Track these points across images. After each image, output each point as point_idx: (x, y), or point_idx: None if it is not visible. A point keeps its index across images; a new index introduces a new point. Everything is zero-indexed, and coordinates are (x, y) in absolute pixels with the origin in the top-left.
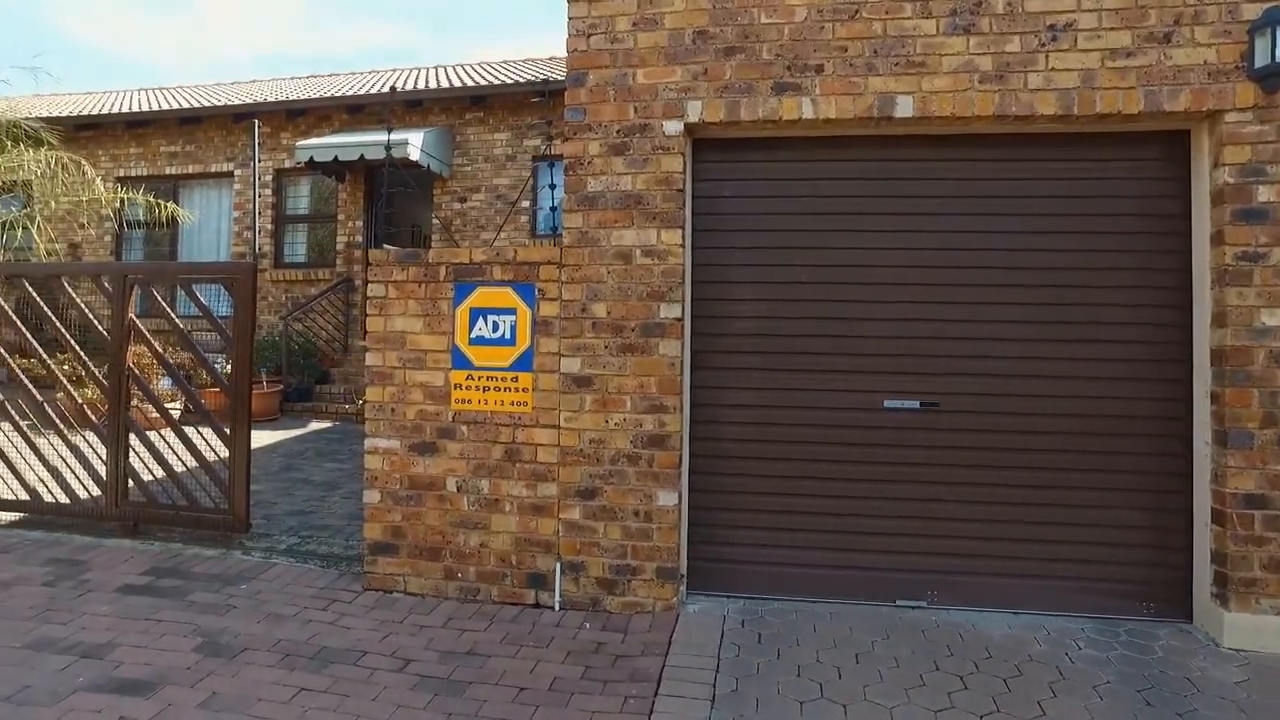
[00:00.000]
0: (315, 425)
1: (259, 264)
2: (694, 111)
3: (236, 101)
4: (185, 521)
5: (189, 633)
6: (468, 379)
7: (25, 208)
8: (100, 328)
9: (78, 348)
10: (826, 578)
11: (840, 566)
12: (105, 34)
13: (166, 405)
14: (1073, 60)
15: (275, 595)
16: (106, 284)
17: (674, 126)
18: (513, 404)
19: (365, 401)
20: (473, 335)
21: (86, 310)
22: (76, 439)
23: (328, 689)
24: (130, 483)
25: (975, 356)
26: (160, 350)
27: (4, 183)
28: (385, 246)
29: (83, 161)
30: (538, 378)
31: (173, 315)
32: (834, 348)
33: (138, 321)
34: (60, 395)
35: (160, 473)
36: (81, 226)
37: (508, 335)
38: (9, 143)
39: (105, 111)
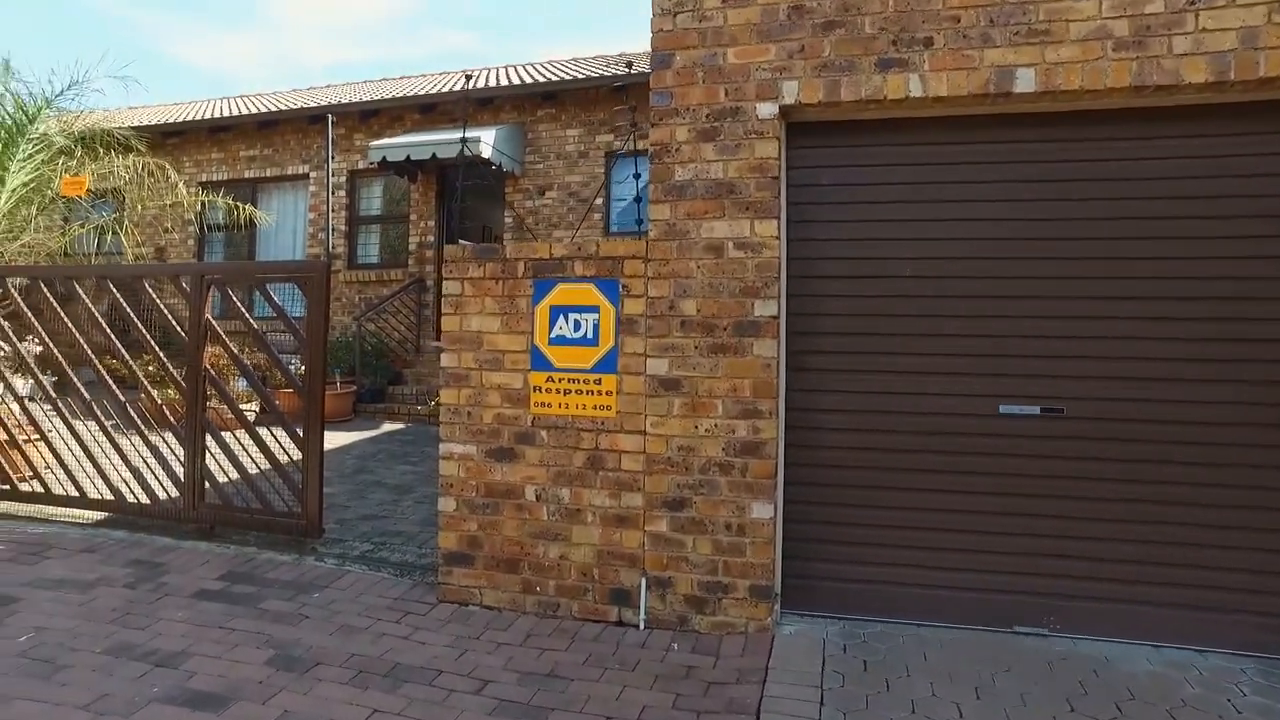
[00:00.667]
0: (388, 426)
1: (332, 264)
2: (789, 92)
3: (311, 104)
4: (259, 525)
5: (261, 644)
6: (548, 381)
7: (116, 213)
8: (180, 330)
9: (157, 349)
10: (934, 599)
11: (949, 587)
12: (190, 50)
13: (241, 406)
14: (1230, 18)
15: (348, 605)
16: (185, 284)
17: (768, 109)
18: (595, 408)
19: (440, 404)
20: (553, 335)
21: (167, 312)
22: (156, 439)
23: (402, 711)
24: (206, 485)
25: (1106, 358)
26: (235, 351)
27: (98, 189)
28: (460, 242)
29: (167, 166)
30: (622, 380)
31: (248, 316)
32: (942, 347)
33: (214, 322)
34: (142, 396)
35: (235, 474)
36: (166, 230)
37: (590, 335)
38: (101, 150)
39: (189, 119)
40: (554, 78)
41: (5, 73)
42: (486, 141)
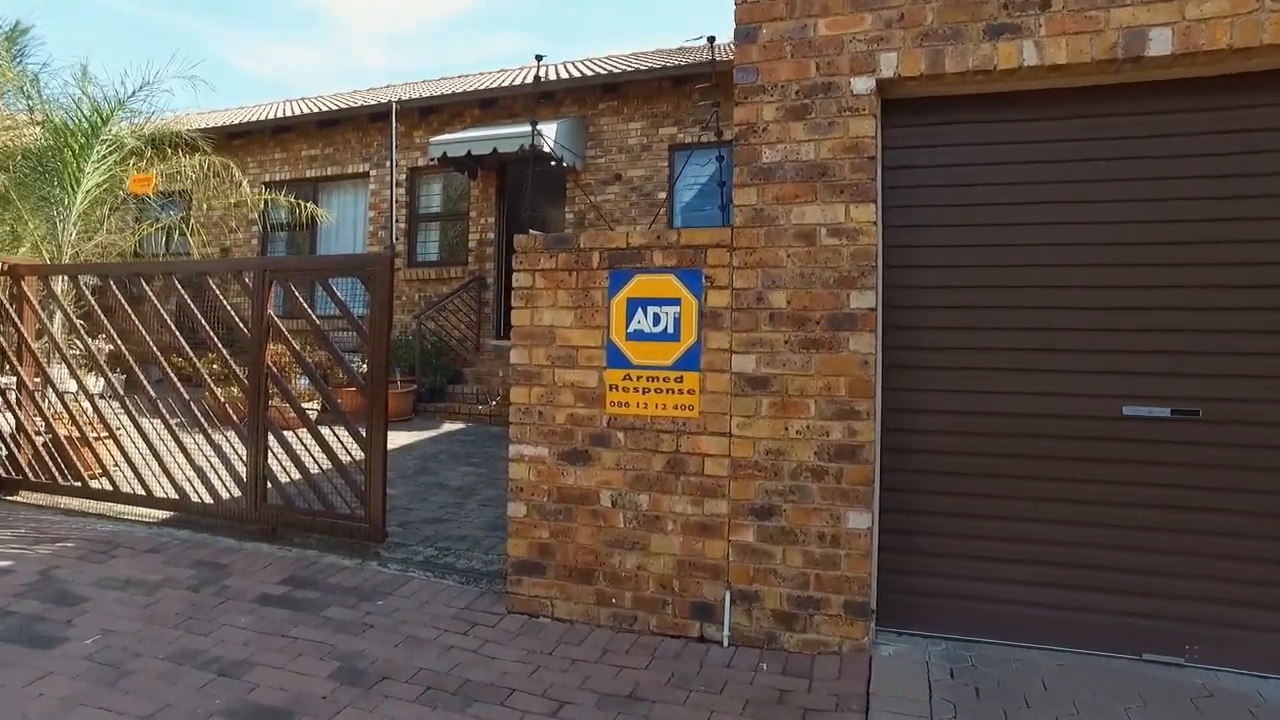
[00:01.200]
0: (449, 426)
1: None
2: (887, 65)
3: (371, 103)
4: (321, 528)
5: (325, 654)
6: (625, 379)
7: (183, 214)
8: (243, 327)
9: (221, 346)
10: (1050, 620)
11: (1066, 607)
12: (251, 61)
13: (303, 405)
14: None
15: (413, 615)
16: (247, 280)
17: (863, 84)
18: (676, 407)
19: (510, 403)
20: (630, 329)
21: (231, 310)
22: (220, 438)
23: None
24: (269, 485)
25: (1253, 354)
26: (298, 349)
27: (166, 191)
28: (530, 232)
29: (231, 165)
30: (705, 378)
31: (311, 313)
32: (1057, 343)
33: (276, 319)
34: (206, 394)
35: (297, 474)
36: (231, 230)
37: (670, 329)
38: (169, 150)
39: (253, 120)
40: (615, 69)
41: (84, 79)
42: (548, 135)
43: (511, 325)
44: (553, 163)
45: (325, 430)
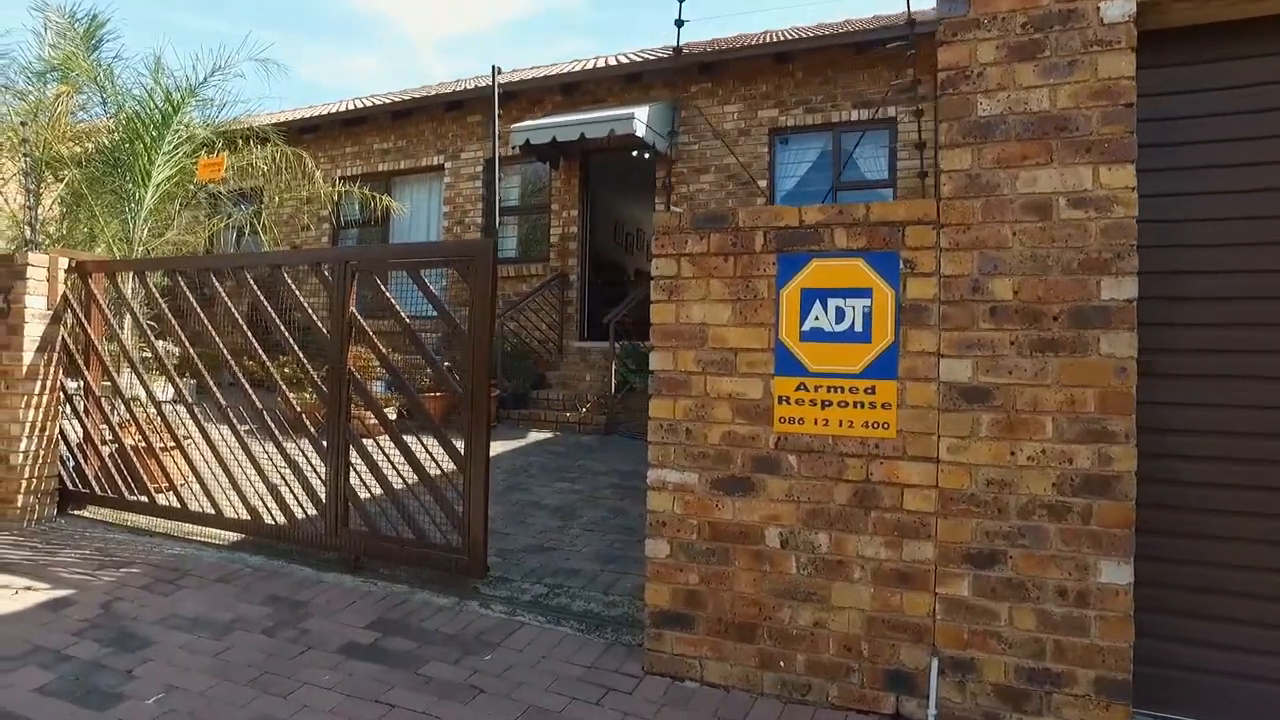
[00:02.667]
0: (535, 435)
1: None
2: None
3: (446, 90)
4: (411, 559)
5: None
6: (798, 389)
7: (255, 209)
8: (321, 327)
9: (297, 349)
10: None
11: None
12: (315, 69)
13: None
14: None
15: (530, 674)
16: (326, 273)
17: (1116, 9)
18: (866, 425)
19: (650, 418)
20: (805, 327)
21: (309, 308)
22: (294, 449)
23: None
24: (350, 507)
25: None
26: (384, 351)
27: (238, 188)
28: (672, 209)
29: (304, 154)
30: (905, 388)
31: (400, 310)
32: None
33: (360, 318)
34: (280, 401)
35: (378, 489)
36: (303, 228)
37: (858, 327)
38: (240, 143)
39: (323, 113)
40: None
41: (157, 70)
42: (640, 118)
43: (651, 323)
44: (643, 152)
45: (410, 440)
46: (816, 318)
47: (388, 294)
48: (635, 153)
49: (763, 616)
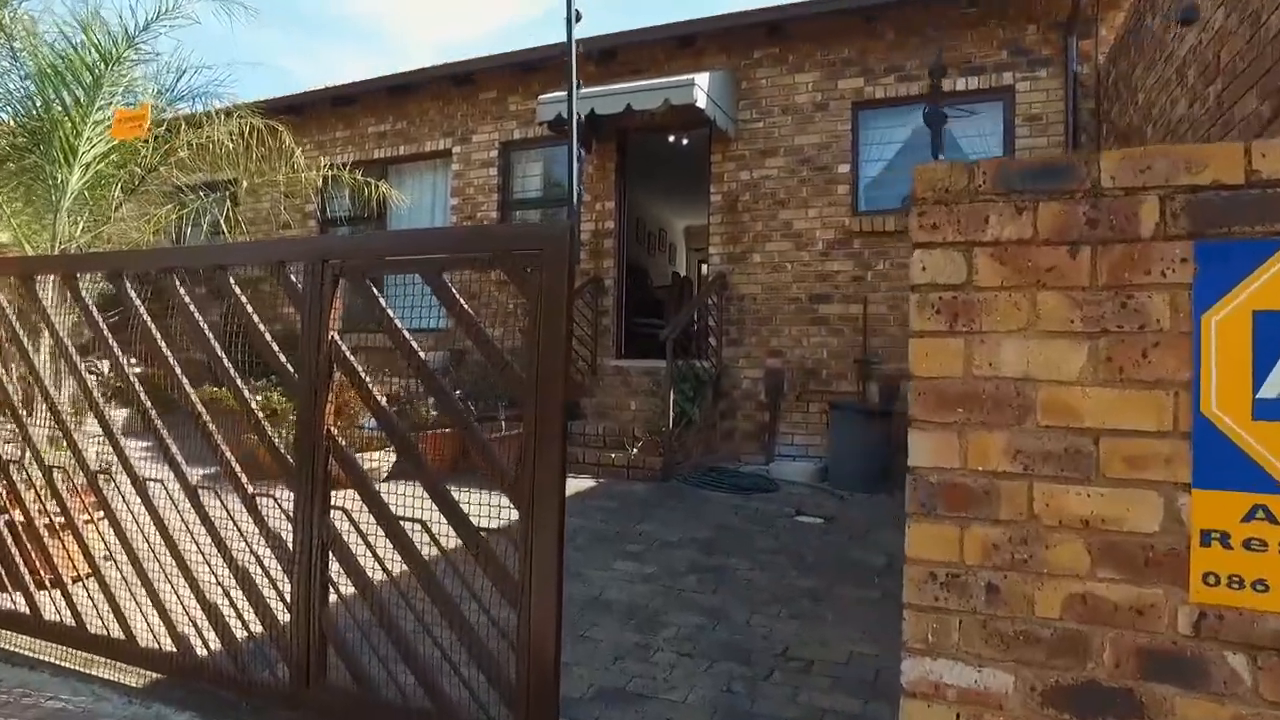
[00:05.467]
0: (574, 483)
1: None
2: None
3: (453, 60)
4: None
5: None
6: (1253, 518)
7: (220, 200)
8: (285, 364)
9: (238, 381)
10: None
11: None
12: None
13: (369, 461)
14: None
15: None
16: (294, 276)
17: None
18: None
19: (908, 560)
20: (1268, 393)
21: (266, 335)
22: (243, 553)
23: None
24: (327, 646)
25: None
26: (387, 411)
27: (210, 178)
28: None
29: (279, 127)
30: None
31: (402, 331)
32: None
33: (341, 343)
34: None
35: (367, 611)
36: (283, 226)
37: None
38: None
39: (309, 89)
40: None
41: (92, 21)
42: (701, 85)
43: (914, 370)
44: (694, 132)
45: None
46: None
47: (386, 308)
48: (679, 137)
49: None
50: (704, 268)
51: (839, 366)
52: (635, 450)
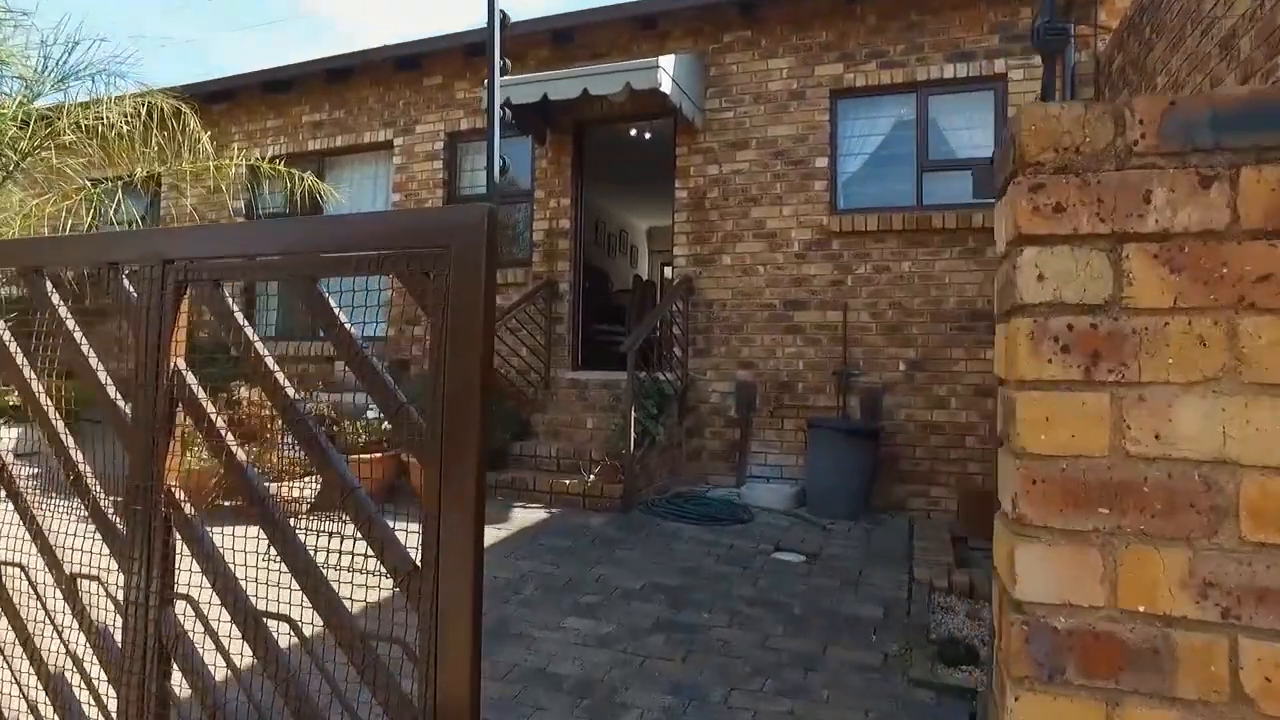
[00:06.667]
0: (522, 515)
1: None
2: None
3: (394, 42)
4: None
5: None
6: None
7: (110, 191)
8: (116, 402)
9: (58, 425)
10: None
11: None
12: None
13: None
14: None
15: None
16: (127, 284)
17: None
18: None
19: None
20: None
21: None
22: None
23: None
24: None
25: None
26: (231, 446)
27: (129, 177)
28: (1067, 101)
29: (184, 108)
30: None
31: (254, 343)
32: None
33: (191, 381)
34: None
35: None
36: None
37: None
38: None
39: (237, 73)
40: None
41: None
42: (665, 69)
43: (1017, 445)
44: (656, 123)
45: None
46: None
47: (244, 325)
48: (641, 129)
49: None
50: (669, 271)
51: (816, 379)
52: (592, 476)
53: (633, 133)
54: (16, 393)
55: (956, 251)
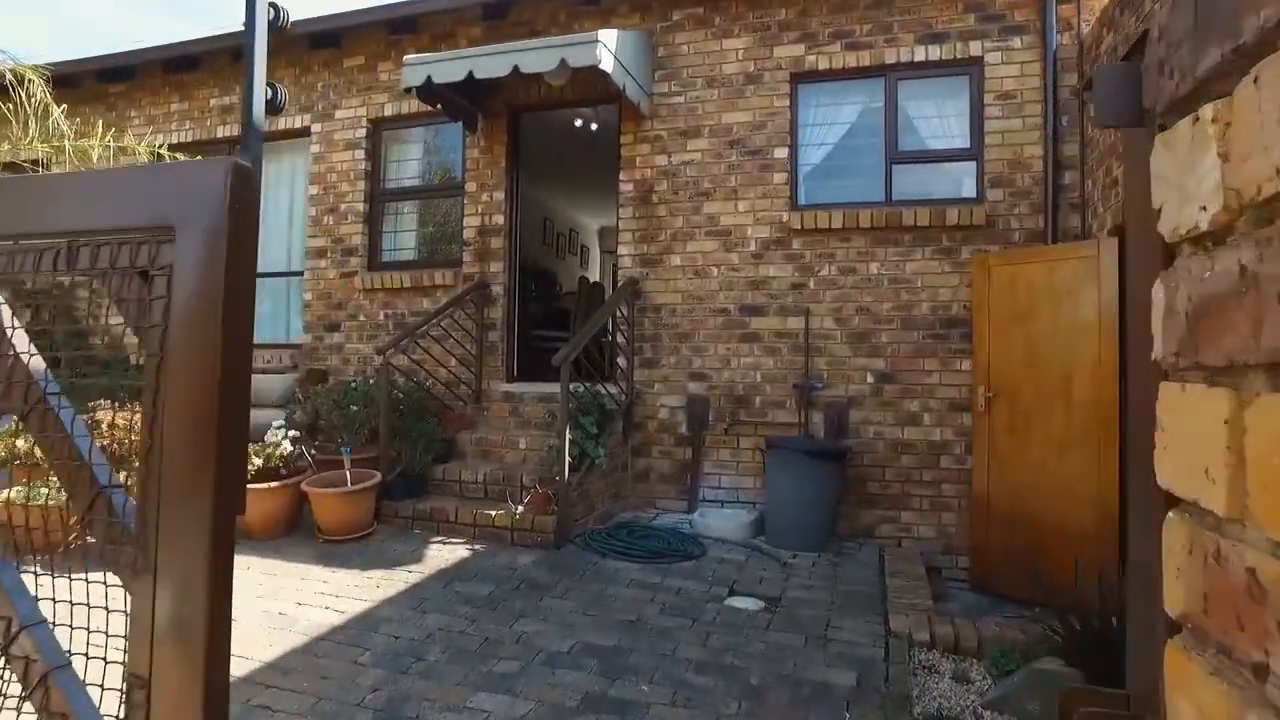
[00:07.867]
0: (439, 553)
1: (345, 262)
2: None
3: (310, 16)
4: None
5: None
6: None
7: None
8: None
9: None
10: None
11: None
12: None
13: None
14: None
15: None
16: None
17: None
18: None
19: None
20: None
21: None
22: None
23: None
24: None
25: None
26: None
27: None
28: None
29: (33, 77)
30: None
31: None
32: None
33: None
34: None
35: None
36: None
37: None
38: None
39: (135, 48)
40: None
41: None
42: (606, 45)
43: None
44: (616, 87)
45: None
46: None
47: None
48: (585, 117)
49: None
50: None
51: (776, 392)
52: (520, 508)
53: (579, 123)
54: None
55: (929, 251)
